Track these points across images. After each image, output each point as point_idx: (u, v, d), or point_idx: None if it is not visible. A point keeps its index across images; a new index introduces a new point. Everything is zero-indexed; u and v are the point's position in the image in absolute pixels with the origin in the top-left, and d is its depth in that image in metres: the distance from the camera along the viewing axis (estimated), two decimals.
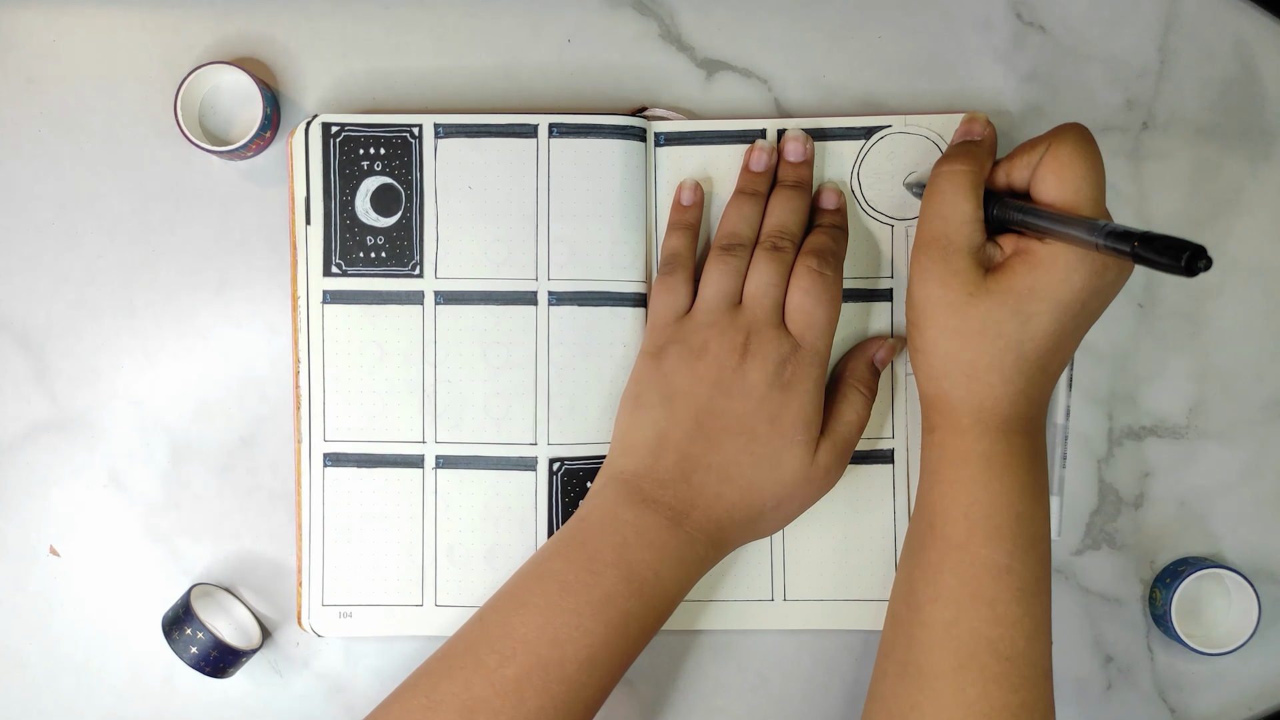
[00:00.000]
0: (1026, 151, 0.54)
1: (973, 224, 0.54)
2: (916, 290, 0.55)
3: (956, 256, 0.53)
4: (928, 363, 0.55)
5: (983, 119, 0.59)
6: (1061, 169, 0.52)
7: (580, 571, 0.54)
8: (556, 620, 0.53)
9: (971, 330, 0.53)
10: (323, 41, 0.63)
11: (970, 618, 0.52)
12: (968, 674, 0.52)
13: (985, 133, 0.58)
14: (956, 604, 0.53)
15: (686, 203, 0.61)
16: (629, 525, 0.55)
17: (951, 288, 0.53)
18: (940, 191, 0.55)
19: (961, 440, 0.54)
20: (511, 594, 0.55)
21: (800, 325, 0.57)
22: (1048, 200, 0.53)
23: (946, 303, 0.53)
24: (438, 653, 0.54)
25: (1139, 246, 0.46)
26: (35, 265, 0.63)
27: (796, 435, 0.56)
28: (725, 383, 0.57)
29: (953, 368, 0.54)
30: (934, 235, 0.54)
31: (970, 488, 0.54)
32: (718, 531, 0.56)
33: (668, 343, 0.58)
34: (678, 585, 0.56)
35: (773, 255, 0.58)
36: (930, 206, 0.55)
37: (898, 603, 0.56)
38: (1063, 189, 0.52)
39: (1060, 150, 0.52)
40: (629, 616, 0.54)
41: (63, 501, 0.63)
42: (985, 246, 0.54)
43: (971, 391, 0.54)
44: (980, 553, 0.53)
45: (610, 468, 0.58)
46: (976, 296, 0.53)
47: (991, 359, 0.53)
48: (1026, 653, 0.52)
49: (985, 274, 0.53)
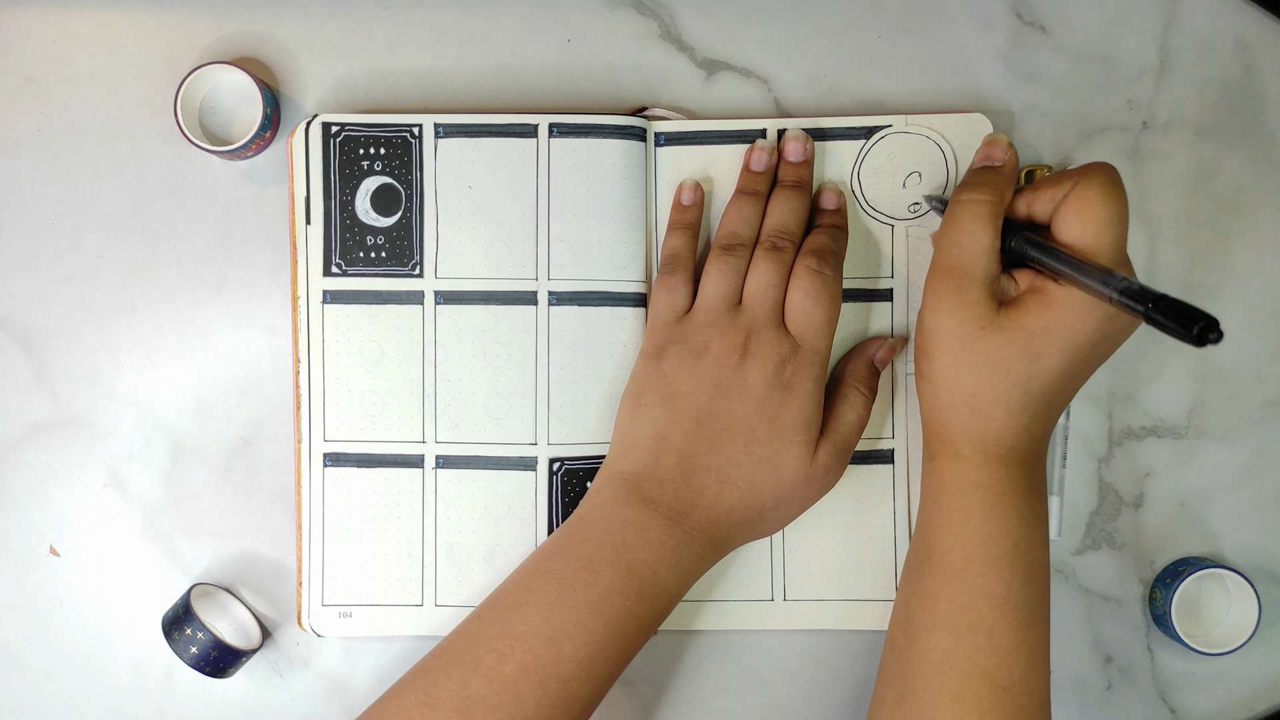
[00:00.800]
0: (1051, 186, 0.53)
1: (989, 255, 0.53)
2: (929, 318, 0.54)
3: (971, 288, 0.53)
4: (933, 392, 0.55)
5: (1004, 142, 0.57)
6: (1085, 210, 0.52)
7: (579, 570, 0.54)
8: (555, 618, 0.53)
9: (980, 364, 0.53)
10: (323, 41, 0.63)
11: (967, 647, 0.52)
12: (964, 704, 0.52)
13: (1006, 157, 0.56)
14: (954, 633, 0.53)
15: (687, 202, 0.61)
16: (628, 524, 0.55)
17: (964, 320, 0.53)
18: (958, 220, 0.54)
19: (961, 469, 0.54)
20: (510, 592, 0.55)
21: (800, 325, 0.57)
22: (1067, 240, 0.52)
23: (958, 335, 0.53)
24: (435, 649, 0.55)
25: (1153, 308, 0.46)
26: (35, 265, 0.63)
27: (796, 435, 0.56)
28: (725, 383, 0.57)
29: (958, 399, 0.54)
30: (950, 264, 0.54)
31: (969, 516, 0.54)
32: (717, 531, 0.56)
33: (668, 343, 0.58)
34: (676, 585, 0.55)
35: (772, 255, 0.58)
36: (948, 235, 0.54)
37: (895, 630, 0.56)
38: (1084, 231, 0.52)
39: (1086, 191, 0.52)
40: (627, 615, 0.54)
41: (63, 501, 0.63)
42: (1000, 278, 0.54)
43: (974, 423, 0.54)
44: (978, 582, 0.53)
45: (610, 467, 0.58)
46: (988, 330, 0.53)
47: (998, 394, 0.53)
48: (1023, 682, 0.52)
49: (999, 307, 0.53)
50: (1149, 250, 0.63)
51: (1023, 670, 0.52)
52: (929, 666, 0.53)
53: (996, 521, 0.53)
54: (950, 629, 0.53)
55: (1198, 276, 0.63)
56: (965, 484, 0.54)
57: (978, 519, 0.54)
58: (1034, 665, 0.53)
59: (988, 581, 0.53)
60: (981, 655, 0.52)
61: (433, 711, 0.51)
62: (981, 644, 0.52)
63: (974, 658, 0.52)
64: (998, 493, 0.54)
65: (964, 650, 0.52)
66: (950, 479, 0.55)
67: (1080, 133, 0.63)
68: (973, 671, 0.52)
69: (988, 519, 0.53)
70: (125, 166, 0.63)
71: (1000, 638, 0.52)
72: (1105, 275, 0.49)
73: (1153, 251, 0.63)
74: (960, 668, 0.52)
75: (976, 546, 0.53)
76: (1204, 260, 0.63)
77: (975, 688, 0.52)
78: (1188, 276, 0.63)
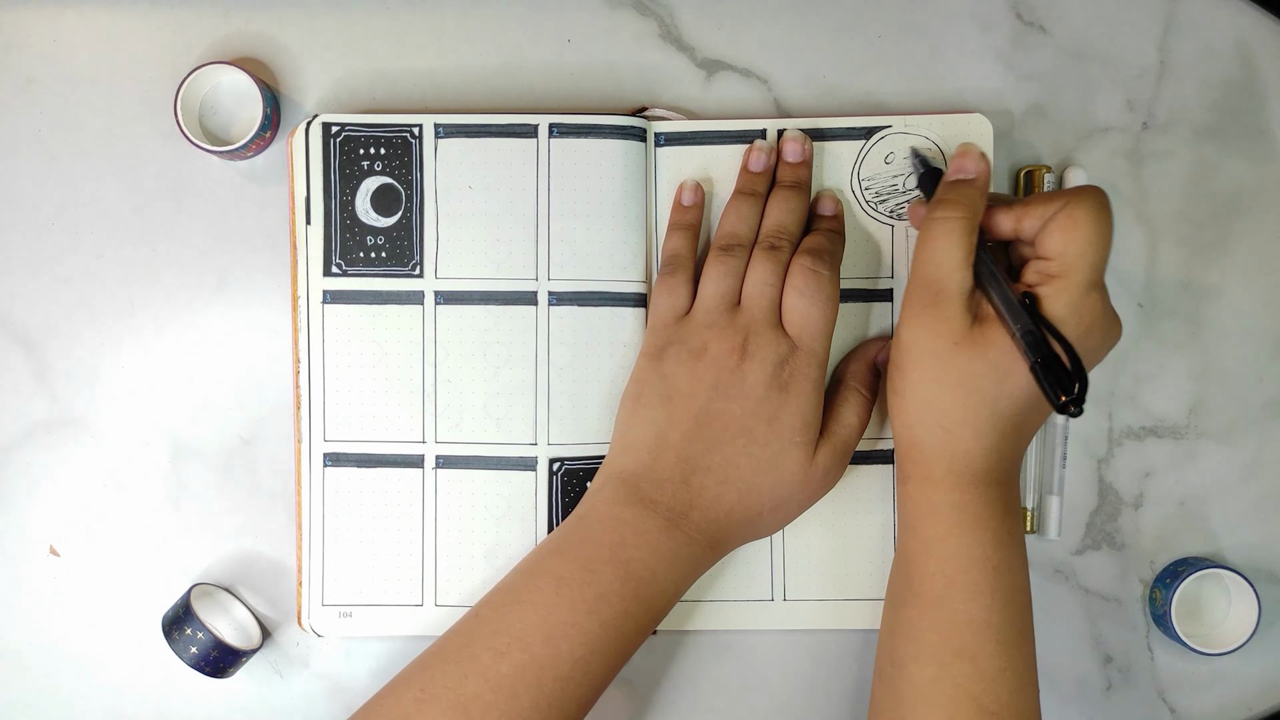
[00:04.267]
0: (1042, 204, 0.54)
1: (964, 271, 0.54)
2: (905, 332, 0.54)
3: (948, 304, 0.53)
4: (904, 408, 0.55)
5: (976, 153, 0.56)
6: (1072, 227, 0.52)
7: (577, 570, 0.54)
8: (552, 618, 0.53)
9: (951, 380, 0.53)
10: (323, 41, 0.63)
11: (953, 674, 0.52)
12: None
13: (979, 169, 0.56)
14: (939, 661, 0.53)
15: (687, 203, 0.61)
16: (627, 524, 0.55)
17: (940, 335, 0.53)
18: (932, 238, 0.54)
19: (934, 492, 0.54)
20: (508, 590, 0.55)
21: (796, 325, 0.57)
22: (1049, 253, 0.53)
23: (932, 350, 0.53)
24: (433, 647, 0.55)
25: (1039, 363, 0.51)
26: (35, 265, 0.63)
27: (795, 437, 0.56)
28: (724, 384, 0.56)
29: (927, 416, 0.54)
30: (926, 280, 0.54)
31: (946, 542, 0.54)
32: (716, 532, 0.56)
33: (668, 343, 0.58)
34: (674, 585, 0.55)
35: (770, 255, 0.58)
36: (923, 253, 0.55)
37: (883, 659, 0.56)
38: (1067, 247, 0.52)
39: (1076, 210, 0.52)
40: (625, 616, 0.54)
41: (63, 501, 0.63)
42: (976, 293, 0.54)
43: (944, 442, 0.54)
44: (960, 608, 0.53)
45: (609, 467, 0.58)
46: (961, 346, 0.53)
47: (966, 412, 0.53)
48: (1011, 705, 0.52)
49: (973, 323, 0.53)
50: (1149, 250, 0.63)
51: (1010, 693, 0.52)
52: (917, 696, 0.53)
53: (975, 546, 0.53)
54: (936, 657, 0.53)
55: (1198, 276, 0.63)
56: (939, 507, 0.54)
57: (955, 544, 0.54)
58: (1021, 687, 0.53)
59: (970, 607, 0.53)
60: (968, 681, 0.52)
61: (429, 708, 0.51)
62: (968, 670, 0.52)
63: (961, 684, 0.52)
64: (973, 516, 0.54)
65: (950, 678, 0.52)
66: (924, 503, 0.55)
67: (1080, 133, 0.63)
68: (960, 698, 0.52)
69: (965, 544, 0.53)
70: (125, 166, 0.63)
71: (986, 663, 0.52)
72: (1018, 314, 0.51)
73: (1153, 251, 0.63)
74: (948, 695, 0.52)
75: (956, 573, 0.53)
76: (1204, 260, 0.63)
77: (964, 713, 0.52)
78: (1188, 276, 0.63)
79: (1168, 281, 0.63)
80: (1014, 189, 0.63)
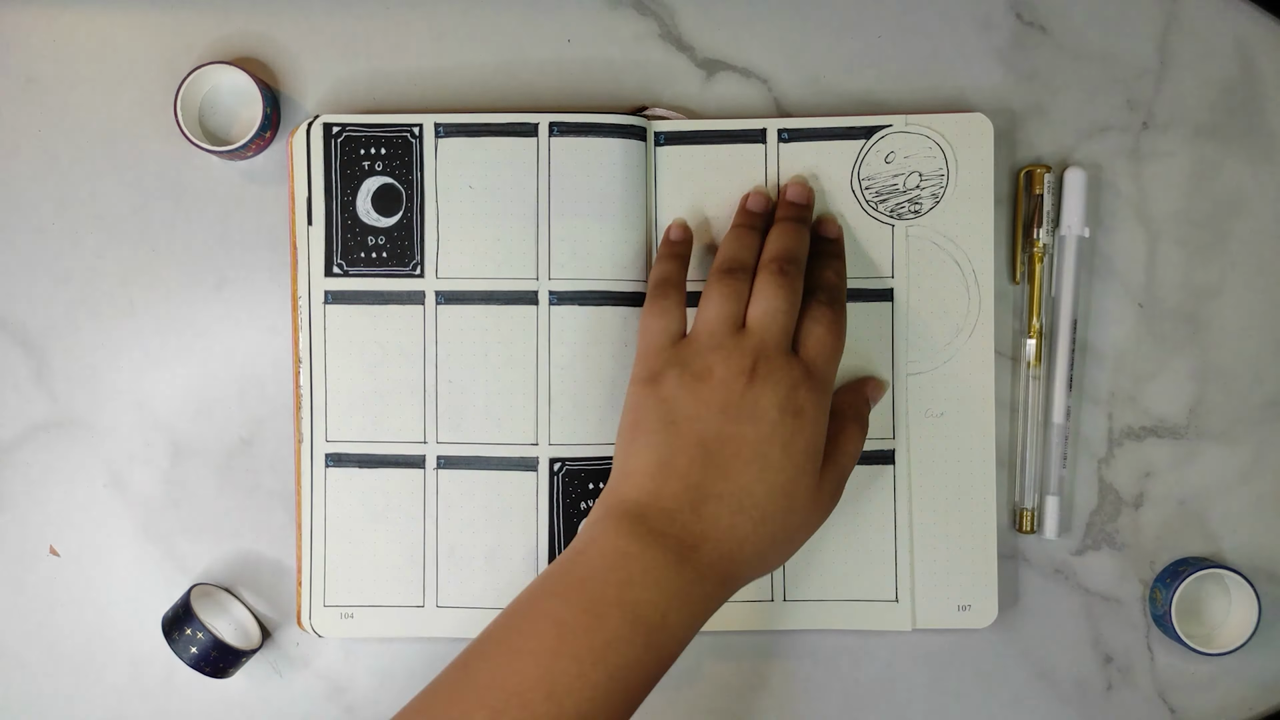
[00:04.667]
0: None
1: None
2: None
3: None
4: None
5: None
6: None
7: (580, 614, 0.49)
8: (555, 669, 0.48)
9: None
10: (323, 41, 0.63)
11: None
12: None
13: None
14: None
15: (675, 239, 0.61)
16: (634, 560, 0.51)
17: None
18: None
19: None
20: (502, 639, 0.50)
21: (813, 354, 0.55)
22: None
23: None
24: (418, 702, 0.50)
25: None
26: (35, 265, 0.63)
27: (807, 464, 0.54)
28: (733, 407, 0.53)
29: None
30: None
31: None
32: (728, 568, 0.52)
33: (665, 367, 0.55)
34: (685, 630, 0.51)
35: (781, 280, 0.56)
36: None
37: None
38: None
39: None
40: (633, 665, 0.49)
41: (63, 501, 0.63)
42: None
43: None
44: None
45: (610, 496, 0.54)
46: None
47: None
48: None
49: None
50: (1149, 250, 0.63)
51: None
52: None
53: None
54: None
55: (1198, 276, 0.63)
56: None
57: None
58: None
59: None
60: None
61: None
62: None
63: None
64: None
65: None
66: None
67: (1080, 133, 0.63)
68: None
69: None
70: (125, 166, 0.63)
71: None
72: None
73: (1153, 251, 0.63)
74: None
75: None
76: (1204, 260, 0.63)
77: None
78: (1188, 276, 0.63)
79: (1168, 281, 0.63)
80: (1014, 189, 0.63)
